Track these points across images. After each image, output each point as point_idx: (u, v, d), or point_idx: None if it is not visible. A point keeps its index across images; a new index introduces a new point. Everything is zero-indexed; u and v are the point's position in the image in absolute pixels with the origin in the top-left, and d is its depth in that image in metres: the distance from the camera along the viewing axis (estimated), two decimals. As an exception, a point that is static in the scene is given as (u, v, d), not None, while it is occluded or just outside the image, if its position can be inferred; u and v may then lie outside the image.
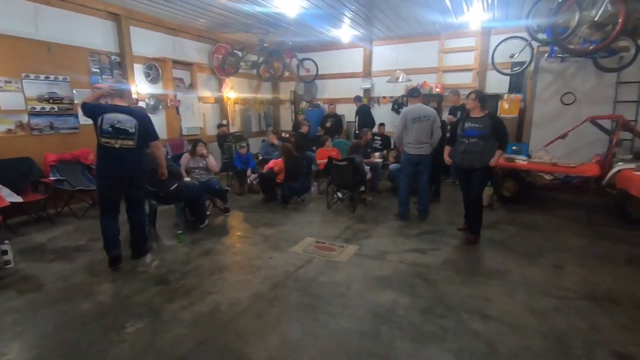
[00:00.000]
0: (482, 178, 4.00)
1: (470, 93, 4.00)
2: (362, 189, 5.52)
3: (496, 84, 7.78)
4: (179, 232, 4.11)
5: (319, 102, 9.71)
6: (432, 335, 2.40)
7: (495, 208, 5.40)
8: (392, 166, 6.20)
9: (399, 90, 8.70)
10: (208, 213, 4.82)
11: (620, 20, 3.23)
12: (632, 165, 4.46)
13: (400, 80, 8.71)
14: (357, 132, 8.16)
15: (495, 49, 6.12)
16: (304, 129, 7.80)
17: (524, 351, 2.23)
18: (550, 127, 6.16)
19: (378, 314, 2.64)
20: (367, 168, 5.67)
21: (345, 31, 7.73)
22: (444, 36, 8.05)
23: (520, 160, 5.11)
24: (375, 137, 7.87)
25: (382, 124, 8.07)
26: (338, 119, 8.60)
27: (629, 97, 5.77)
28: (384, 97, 9.08)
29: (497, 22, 6.91)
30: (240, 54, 8.12)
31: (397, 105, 8.75)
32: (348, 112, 9.12)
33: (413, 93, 4.77)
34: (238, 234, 4.53)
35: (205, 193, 4.82)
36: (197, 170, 4.99)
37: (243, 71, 8.70)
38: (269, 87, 10.20)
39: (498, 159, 3.90)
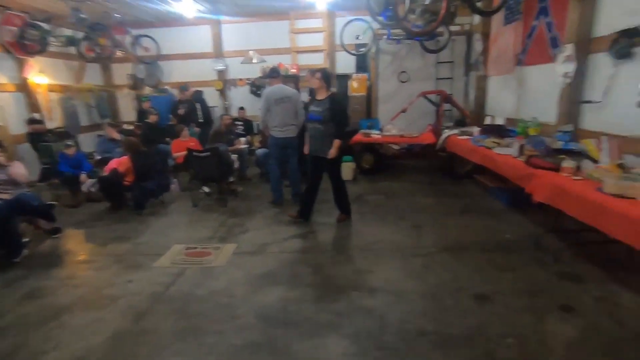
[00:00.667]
0: (329, 169, 3.88)
1: (316, 72, 3.82)
2: (231, 179, 5.10)
3: (345, 64, 8.30)
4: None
5: (166, 87, 8.53)
6: (328, 324, 2.32)
7: (358, 180, 5.81)
8: (259, 151, 5.95)
9: (255, 72, 8.39)
10: (26, 240, 3.62)
11: (443, 6, 3.73)
12: (456, 131, 5.41)
13: (255, 61, 8.42)
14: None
15: (342, 31, 6.41)
16: (152, 119, 6.73)
17: (410, 316, 2.38)
18: (393, 103, 6.94)
19: (269, 318, 2.42)
20: (233, 156, 5.25)
21: (187, 5, 6.85)
22: (293, 16, 8.04)
23: (375, 135, 5.57)
24: (237, 122, 7.45)
25: (241, 108, 7.66)
26: (192, 105, 7.74)
27: (445, 75, 6.95)
28: (241, 80, 8.61)
29: (341, 4, 7.25)
30: (45, 26, 6.29)
31: (255, 87, 8.43)
32: (207, 96, 8.27)
33: (272, 73, 4.56)
34: (78, 259, 3.55)
35: (18, 214, 3.59)
36: (-2, 186, 3.64)
37: (56, 49, 6.83)
38: (97, 70, 8.38)
39: (337, 150, 3.69)
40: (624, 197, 2.33)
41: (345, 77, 8.13)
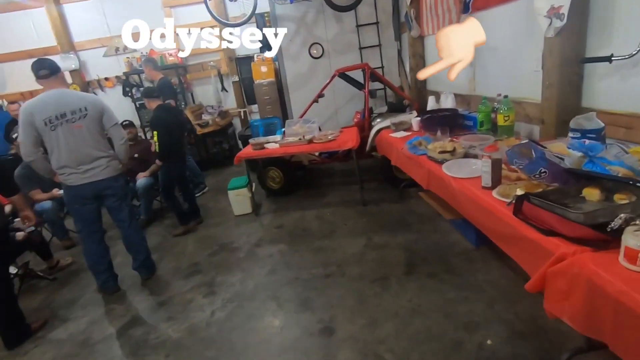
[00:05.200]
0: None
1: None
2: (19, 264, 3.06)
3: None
4: None
5: (-2, 102, 6.11)
6: None
7: (261, 211, 3.96)
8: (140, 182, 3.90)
9: (123, 67, 6.15)
10: None
11: None
12: (387, 123, 3.65)
13: (122, 50, 6.18)
14: None
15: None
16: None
17: None
18: (307, 89, 5.06)
19: None
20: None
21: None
22: (161, -17, 5.84)
23: (272, 144, 3.68)
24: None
25: (127, 123, 5.41)
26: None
27: (371, 42, 5.13)
28: (107, 79, 6.34)
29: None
30: None
31: (129, 87, 6.20)
32: None
33: (40, 71, 2.46)
34: None
35: None
36: None
37: None
38: None
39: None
40: None
41: (248, 60, 6.14)
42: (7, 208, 2.64)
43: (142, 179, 4.01)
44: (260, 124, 4.67)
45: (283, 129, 4.07)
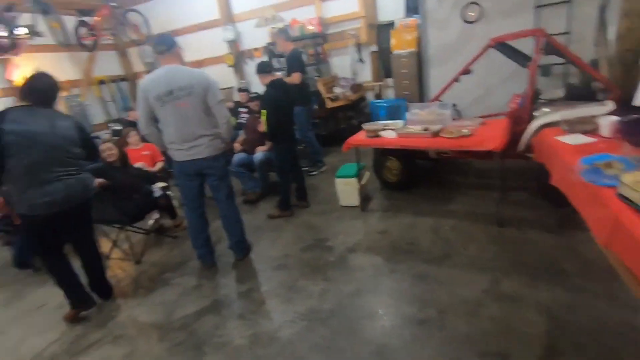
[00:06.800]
0: None
1: None
2: (154, 218, 3.43)
3: (394, 8, 5.56)
4: None
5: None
6: None
7: (370, 206, 3.46)
8: (257, 156, 4.05)
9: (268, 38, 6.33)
10: None
11: None
12: (557, 117, 2.52)
13: (272, 21, 6.36)
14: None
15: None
16: (131, 116, 5.45)
17: None
18: (453, 64, 4.06)
19: None
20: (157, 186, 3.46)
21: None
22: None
23: (389, 132, 3.07)
24: (240, 109, 5.66)
25: (244, 90, 5.75)
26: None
27: (555, -3, 3.69)
28: (256, 50, 6.68)
29: None
30: (12, 16, 5.40)
31: (273, 57, 6.39)
32: (221, 77, 6.59)
33: (158, 47, 2.51)
34: None
35: None
36: None
37: (46, 42, 6.00)
38: (115, 59, 7.54)
39: None
40: None
41: (387, 27, 5.45)
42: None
43: (259, 153, 4.04)
44: (384, 105, 4.04)
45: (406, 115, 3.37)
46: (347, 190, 3.48)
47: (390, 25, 5.48)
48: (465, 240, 2.66)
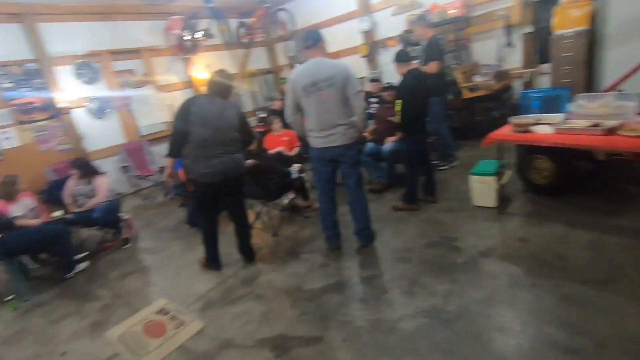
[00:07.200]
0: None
1: None
2: (289, 197, 3.80)
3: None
4: (8, 298, 3.20)
5: (314, 62, 7.71)
6: None
7: (508, 211, 3.10)
8: (386, 147, 4.12)
9: (405, 26, 6.16)
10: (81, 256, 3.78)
11: None
12: None
13: (410, 7, 6.17)
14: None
15: None
16: (275, 105, 6.12)
17: None
18: (639, 43, 3.26)
19: None
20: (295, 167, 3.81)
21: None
22: None
23: (544, 127, 2.65)
24: (370, 99, 5.74)
25: (375, 80, 5.78)
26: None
27: None
28: (391, 39, 6.60)
29: None
30: (194, 22, 6.63)
31: (409, 45, 6.21)
32: (353, 68, 6.79)
33: (307, 41, 2.72)
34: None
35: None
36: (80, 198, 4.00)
37: (212, 42, 7.24)
38: (263, 54, 8.55)
39: None
40: None
41: (547, 4, 4.67)
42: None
43: (389, 143, 4.04)
44: (539, 95, 3.49)
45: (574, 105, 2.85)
46: (482, 188, 3.19)
47: (552, 1, 4.67)
48: (638, 264, 2.15)
